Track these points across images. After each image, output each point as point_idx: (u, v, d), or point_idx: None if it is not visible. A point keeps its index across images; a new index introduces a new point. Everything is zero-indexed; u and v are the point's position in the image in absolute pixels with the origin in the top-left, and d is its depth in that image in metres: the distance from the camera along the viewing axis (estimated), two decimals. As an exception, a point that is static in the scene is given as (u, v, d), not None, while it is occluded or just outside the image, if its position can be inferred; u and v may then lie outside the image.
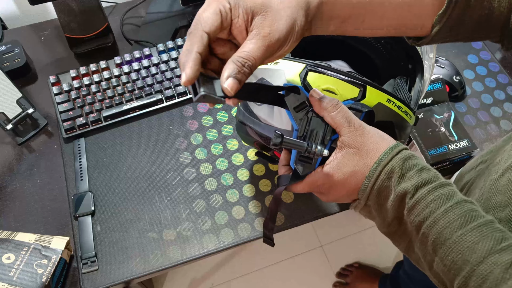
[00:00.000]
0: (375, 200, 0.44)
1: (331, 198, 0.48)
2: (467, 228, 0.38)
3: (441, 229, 0.38)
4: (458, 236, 0.38)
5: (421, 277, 0.96)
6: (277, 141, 0.42)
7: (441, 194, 0.40)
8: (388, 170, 0.42)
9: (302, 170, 0.46)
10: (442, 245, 0.38)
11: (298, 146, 0.44)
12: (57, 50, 0.91)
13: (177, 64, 0.84)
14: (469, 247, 0.37)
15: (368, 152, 0.43)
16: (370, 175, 0.43)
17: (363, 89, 0.48)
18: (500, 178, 0.47)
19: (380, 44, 0.55)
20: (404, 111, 0.52)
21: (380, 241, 1.49)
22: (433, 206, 0.39)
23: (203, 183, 0.75)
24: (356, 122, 0.44)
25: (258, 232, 0.71)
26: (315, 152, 0.44)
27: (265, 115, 0.51)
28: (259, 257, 1.45)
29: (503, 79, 0.88)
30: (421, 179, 0.41)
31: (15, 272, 0.62)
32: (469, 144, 0.75)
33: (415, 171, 0.41)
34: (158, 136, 0.80)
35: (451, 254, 0.38)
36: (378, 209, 0.44)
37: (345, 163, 0.44)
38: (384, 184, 0.42)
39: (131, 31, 0.94)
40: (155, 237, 0.70)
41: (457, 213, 0.38)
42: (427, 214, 0.39)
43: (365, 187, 0.43)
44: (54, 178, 0.76)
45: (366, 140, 0.44)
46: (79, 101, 0.80)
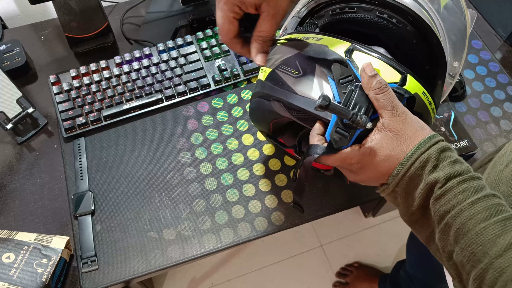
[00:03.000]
0: (404, 187, 0.43)
1: (359, 178, 0.48)
2: (490, 221, 0.38)
3: (465, 220, 0.39)
4: (481, 228, 0.38)
5: (421, 277, 0.97)
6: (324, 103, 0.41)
7: (470, 186, 0.40)
8: (424, 158, 0.42)
9: (337, 143, 0.45)
10: (464, 236, 0.39)
11: (344, 112, 0.43)
12: (57, 49, 0.91)
13: (183, 63, 0.84)
14: (490, 240, 0.37)
15: (407, 139, 0.43)
16: (405, 161, 0.42)
17: (405, 76, 0.48)
18: (504, 169, 0.47)
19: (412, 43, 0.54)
20: (432, 108, 0.52)
21: (380, 241, 1.49)
22: (461, 197, 0.40)
23: (203, 183, 0.75)
24: (400, 108, 0.44)
25: (258, 231, 0.71)
26: (359, 122, 0.43)
27: (302, 87, 0.50)
28: (259, 256, 1.45)
29: (503, 79, 0.87)
30: (453, 170, 0.41)
31: (15, 271, 0.62)
32: (469, 144, 0.75)
33: (448, 162, 0.41)
34: (158, 136, 0.80)
35: (471, 245, 0.38)
36: (405, 197, 0.44)
37: (382, 145, 0.44)
38: (417, 172, 0.42)
39: (131, 30, 0.94)
40: (155, 237, 0.70)
41: (483, 205, 0.39)
42: (454, 204, 0.40)
43: (397, 173, 0.43)
44: (54, 177, 0.76)
45: (407, 126, 0.44)
46: (79, 101, 0.80)
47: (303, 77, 0.50)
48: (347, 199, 0.74)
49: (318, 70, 0.49)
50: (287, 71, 0.52)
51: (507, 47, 0.93)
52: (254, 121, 0.65)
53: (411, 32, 0.54)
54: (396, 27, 0.54)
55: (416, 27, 0.54)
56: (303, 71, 0.50)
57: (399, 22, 0.54)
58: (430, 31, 0.53)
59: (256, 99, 0.58)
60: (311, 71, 0.50)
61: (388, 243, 1.48)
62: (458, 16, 0.56)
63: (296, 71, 0.51)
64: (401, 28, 0.54)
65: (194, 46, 0.87)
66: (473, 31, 0.94)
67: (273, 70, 0.54)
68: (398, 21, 0.54)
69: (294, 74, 0.51)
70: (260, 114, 0.60)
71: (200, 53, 0.86)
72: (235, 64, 0.86)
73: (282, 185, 0.75)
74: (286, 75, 0.52)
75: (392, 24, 0.54)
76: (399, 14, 0.54)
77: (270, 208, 0.73)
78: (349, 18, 0.55)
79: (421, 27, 0.53)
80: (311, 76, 0.49)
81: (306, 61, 0.51)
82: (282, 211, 0.72)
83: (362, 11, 0.54)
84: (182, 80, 0.83)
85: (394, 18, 0.54)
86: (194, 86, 0.82)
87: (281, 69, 0.53)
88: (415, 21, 0.53)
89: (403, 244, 1.03)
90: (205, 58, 0.86)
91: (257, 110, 0.60)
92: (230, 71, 0.84)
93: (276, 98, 0.53)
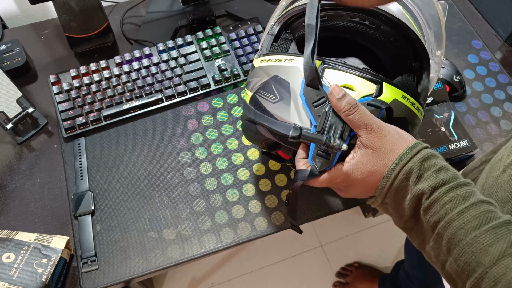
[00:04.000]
0: (392, 198, 0.44)
1: (349, 194, 0.48)
2: (481, 230, 0.37)
3: (455, 230, 0.39)
4: (472, 237, 0.37)
5: (421, 277, 0.97)
6: (295, 134, 0.42)
7: (457, 195, 0.40)
8: (406, 170, 0.42)
9: (320, 166, 0.45)
10: (456, 246, 0.38)
11: (317, 139, 0.43)
12: (57, 49, 0.91)
13: (183, 63, 0.84)
14: (482, 249, 0.37)
15: (386, 153, 0.43)
16: (388, 175, 0.43)
17: (380, 86, 0.48)
18: (501, 174, 0.47)
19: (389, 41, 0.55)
20: (416, 108, 0.52)
21: (380, 241, 1.49)
22: (449, 207, 0.39)
23: (203, 183, 0.75)
24: (374, 124, 0.44)
25: (258, 231, 0.71)
26: (333, 146, 0.43)
27: (281, 112, 0.50)
28: (259, 256, 1.45)
29: (503, 79, 0.87)
30: (438, 180, 0.40)
31: (15, 271, 0.62)
32: (469, 144, 0.75)
33: (432, 171, 0.41)
34: (158, 136, 0.80)
35: (464, 255, 0.38)
36: (395, 207, 0.44)
37: (363, 162, 0.44)
38: (402, 184, 0.42)
39: (131, 30, 0.94)
40: (155, 237, 0.70)
41: (472, 214, 0.38)
42: (443, 214, 0.40)
43: (383, 186, 0.43)
44: (54, 177, 0.76)
45: (384, 141, 0.44)
46: (79, 101, 0.80)
47: (280, 102, 0.50)
48: (347, 199, 0.74)
49: (293, 92, 0.49)
50: (265, 96, 0.52)
51: (507, 47, 0.93)
52: (248, 139, 0.66)
53: (386, 31, 0.54)
54: (369, 28, 0.54)
55: (390, 25, 0.54)
56: (279, 96, 0.50)
57: (372, 23, 0.54)
58: (405, 27, 0.53)
59: (245, 121, 0.59)
60: (287, 96, 0.50)
61: (388, 243, 1.48)
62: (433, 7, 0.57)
63: (273, 96, 0.51)
64: (375, 29, 0.54)
65: (194, 46, 0.87)
66: (473, 31, 0.94)
67: (254, 95, 0.55)
68: (371, 22, 0.54)
69: (271, 99, 0.51)
70: (251, 135, 0.61)
71: (200, 53, 0.86)
72: (235, 64, 0.86)
73: (282, 185, 0.75)
74: (265, 100, 0.52)
75: (365, 27, 0.54)
76: (371, 16, 0.54)
77: (270, 208, 0.72)
78: (322, 27, 0.55)
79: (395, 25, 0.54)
80: (288, 100, 0.50)
81: (282, 84, 0.51)
82: (282, 211, 0.72)
83: (334, 17, 0.55)
84: (182, 80, 0.83)
85: (366, 20, 0.54)
86: (194, 86, 0.82)
87: (260, 94, 0.53)
88: (388, 20, 0.54)
89: (403, 244, 1.03)
90: (205, 58, 0.86)
91: (247, 131, 0.61)
92: (230, 71, 0.84)
93: (259, 123, 0.54)
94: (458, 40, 0.93)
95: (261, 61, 0.56)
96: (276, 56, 0.53)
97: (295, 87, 0.49)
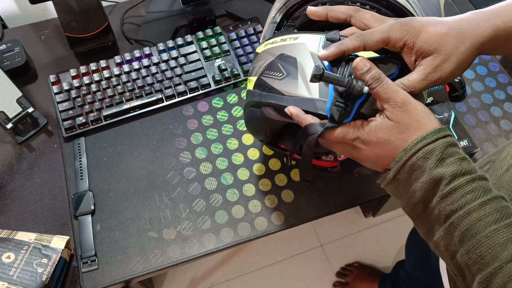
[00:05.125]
0: (405, 176, 0.42)
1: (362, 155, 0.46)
2: (501, 224, 0.37)
3: (474, 222, 0.38)
4: (491, 231, 0.37)
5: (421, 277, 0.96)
6: (318, 73, 0.42)
7: (479, 186, 0.39)
8: (428, 150, 0.40)
9: (338, 116, 0.45)
10: (472, 237, 0.38)
11: (339, 79, 0.43)
12: (57, 49, 0.91)
13: (183, 63, 0.84)
14: (501, 244, 0.36)
15: (408, 129, 0.42)
16: (408, 148, 0.41)
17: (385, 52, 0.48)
18: (505, 173, 0.47)
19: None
20: None
21: (380, 241, 1.49)
22: (469, 197, 0.38)
23: (203, 183, 0.75)
24: (398, 98, 0.43)
25: (258, 231, 0.71)
26: (355, 87, 0.43)
27: (288, 87, 0.50)
28: (259, 256, 1.45)
29: (503, 79, 0.87)
30: (461, 168, 0.40)
31: (15, 271, 0.62)
32: (469, 144, 0.75)
33: (456, 158, 0.40)
34: (158, 136, 0.80)
35: (480, 248, 0.37)
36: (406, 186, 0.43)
37: (381, 129, 0.43)
38: (418, 162, 0.41)
39: (131, 30, 0.94)
40: (155, 236, 0.70)
41: (493, 207, 0.38)
42: (462, 204, 0.39)
43: (399, 159, 0.42)
44: (54, 177, 0.76)
45: (408, 117, 0.42)
46: (79, 100, 0.80)
47: (287, 78, 0.51)
48: (347, 199, 0.74)
49: (300, 67, 0.50)
50: (271, 76, 0.52)
51: (507, 47, 0.93)
52: (251, 131, 0.66)
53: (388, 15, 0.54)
54: None
55: (391, 9, 0.54)
56: (286, 72, 0.51)
57: (373, 8, 0.54)
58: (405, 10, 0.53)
59: (248, 110, 0.59)
60: (294, 71, 0.50)
61: (388, 243, 1.48)
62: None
63: (280, 73, 0.51)
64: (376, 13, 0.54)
65: (194, 46, 0.87)
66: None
67: (259, 77, 0.54)
68: (371, 7, 0.54)
69: (278, 76, 0.52)
70: (255, 123, 0.61)
71: (200, 53, 0.86)
72: (235, 64, 0.86)
73: (282, 185, 0.75)
74: (271, 79, 0.52)
75: None
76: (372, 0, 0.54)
77: (270, 208, 0.73)
78: None
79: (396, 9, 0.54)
80: (295, 74, 0.50)
81: (288, 61, 0.51)
82: (282, 211, 0.72)
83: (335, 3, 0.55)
84: (182, 79, 0.83)
85: (367, 4, 0.54)
86: (194, 86, 0.82)
87: (266, 75, 0.53)
88: (389, 4, 0.54)
89: (403, 244, 1.03)
90: (205, 58, 0.86)
91: (251, 120, 0.60)
92: (230, 70, 0.84)
93: (266, 104, 0.53)
94: (458, 40, 0.92)
95: (265, 45, 0.56)
96: (281, 37, 0.54)
97: (302, 61, 0.49)
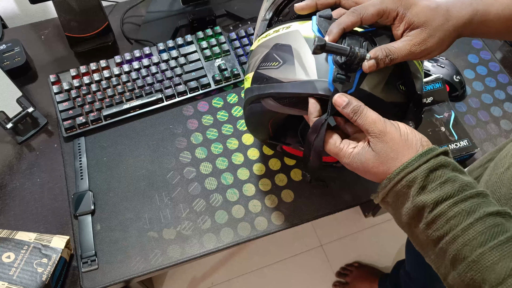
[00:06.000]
0: (392, 200, 0.44)
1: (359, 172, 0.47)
2: (486, 247, 0.37)
3: (460, 247, 0.38)
4: (477, 255, 0.37)
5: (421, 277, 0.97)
6: (321, 43, 0.42)
7: (461, 210, 0.39)
8: (410, 179, 0.41)
9: (341, 88, 0.46)
10: (461, 262, 0.38)
11: (342, 48, 0.44)
12: (57, 49, 0.91)
13: (183, 62, 0.84)
14: (488, 267, 0.36)
15: (388, 160, 0.43)
16: (392, 177, 0.42)
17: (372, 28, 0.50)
18: (505, 171, 0.47)
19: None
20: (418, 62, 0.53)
21: (380, 241, 1.49)
22: (453, 223, 0.39)
23: (203, 182, 0.75)
24: (376, 129, 0.43)
25: (258, 231, 0.71)
26: (358, 54, 0.43)
27: (285, 74, 0.51)
28: (259, 256, 1.45)
29: (503, 78, 0.87)
30: (442, 193, 0.40)
31: (15, 271, 0.62)
32: (469, 143, 0.75)
33: (438, 183, 0.40)
34: (158, 135, 0.80)
35: (470, 272, 0.37)
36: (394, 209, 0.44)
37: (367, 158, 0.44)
38: (403, 190, 0.42)
39: (131, 30, 0.94)
40: (155, 236, 0.70)
41: (477, 230, 0.38)
42: (447, 230, 0.39)
43: (385, 186, 0.43)
44: (54, 177, 0.76)
45: (386, 148, 0.43)
46: (79, 100, 0.80)
47: (284, 65, 0.51)
48: (347, 199, 0.74)
49: (295, 52, 0.50)
50: (268, 67, 0.53)
51: (507, 47, 0.93)
52: (252, 130, 0.65)
53: None
54: None
55: None
56: (282, 60, 0.51)
57: None
58: None
59: (248, 107, 0.58)
60: (289, 57, 0.50)
61: (388, 243, 1.48)
62: None
63: (276, 62, 0.52)
64: None
65: (194, 46, 0.87)
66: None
67: (255, 72, 0.55)
68: None
69: (275, 66, 0.52)
70: (255, 120, 0.61)
71: (200, 53, 0.86)
72: (235, 63, 0.86)
73: (282, 185, 0.75)
74: (268, 70, 0.53)
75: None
76: None
77: (270, 208, 0.72)
78: None
79: None
80: (291, 60, 0.50)
81: (283, 49, 0.51)
82: (282, 211, 0.72)
83: None
84: (182, 79, 0.83)
85: None
86: (194, 86, 0.82)
87: (262, 67, 0.54)
88: None
89: (403, 244, 1.03)
90: (205, 57, 0.86)
91: (252, 117, 0.60)
92: (230, 70, 0.84)
93: (265, 95, 0.53)
94: (458, 40, 0.92)
95: (259, 41, 0.56)
96: (274, 29, 0.54)
97: (297, 47, 0.50)
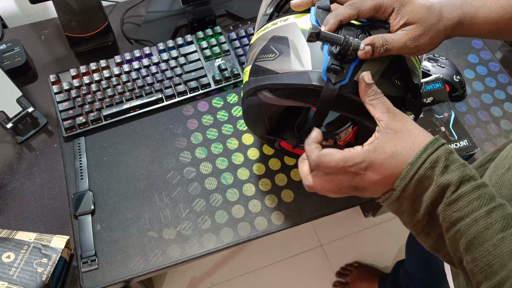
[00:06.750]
0: (411, 191, 0.41)
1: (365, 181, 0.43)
2: (508, 232, 0.37)
3: (481, 229, 0.37)
4: (498, 239, 0.37)
5: (421, 277, 0.96)
6: (315, 31, 0.42)
7: (485, 193, 0.38)
8: (433, 159, 0.40)
9: (334, 78, 0.46)
10: (479, 245, 0.37)
11: (336, 38, 0.44)
12: (57, 49, 0.91)
13: (183, 62, 0.84)
14: (508, 252, 0.36)
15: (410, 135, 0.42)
16: (414, 161, 0.41)
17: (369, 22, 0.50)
18: (506, 172, 0.47)
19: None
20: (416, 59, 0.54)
21: (380, 241, 1.49)
22: (476, 204, 0.38)
23: (203, 182, 0.75)
24: (396, 110, 0.44)
25: (258, 231, 0.71)
26: (351, 44, 0.44)
27: (282, 65, 0.51)
28: (259, 256, 1.45)
29: (503, 78, 0.87)
30: (465, 174, 0.39)
31: (15, 271, 0.62)
32: (469, 143, 0.75)
33: (459, 164, 0.40)
34: (158, 135, 0.80)
35: (487, 256, 0.37)
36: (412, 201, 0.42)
37: (386, 142, 0.43)
38: (426, 173, 0.40)
39: (131, 30, 0.94)
40: (155, 236, 0.70)
41: (500, 215, 0.37)
42: (468, 211, 0.38)
43: (406, 174, 0.41)
44: (54, 177, 0.76)
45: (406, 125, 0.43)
46: (79, 100, 0.80)
47: (280, 56, 0.51)
48: (347, 199, 0.74)
49: (292, 44, 0.50)
50: (265, 58, 0.53)
51: (507, 47, 0.93)
52: (250, 125, 0.66)
53: None
54: None
55: None
56: (279, 51, 0.51)
57: None
58: None
59: (245, 101, 0.59)
60: (286, 49, 0.51)
61: (388, 243, 1.48)
62: None
63: (273, 54, 0.52)
64: None
65: (194, 46, 0.87)
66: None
67: (253, 64, 0.55)
68: None
69: (271, 57, 0.52)
70: (252, 114, 0.61)
71: (200, 53, 0.86)
72: (235, 63, 0.86)
73: (282, 185, 0.75)
74: (265, 61, 0.53)
75: None
76: None
77: (270, 207, 0.72)
78: None
79: None
80: (287, 52, 0.50)
81: (280, 41, 0.52)
82: (282, 211, 0.72)
83: None
84: (182, 79, 0.83)
85: None
86: (194, 86, 0.82)
87: (259, 60, 0.54)
88: None
89: (403, 244, 1.03)
90: (205, 57, 0.86)
91: (249, 111, 0.60)
92: (230, 70, 0.84)
93: (261, 87, 0.53)
94: (458, 40, 0.93)
95: (258, 34, 0.57)
96: (272, 22, 0.55)
97: (293, 39, 0.50)
